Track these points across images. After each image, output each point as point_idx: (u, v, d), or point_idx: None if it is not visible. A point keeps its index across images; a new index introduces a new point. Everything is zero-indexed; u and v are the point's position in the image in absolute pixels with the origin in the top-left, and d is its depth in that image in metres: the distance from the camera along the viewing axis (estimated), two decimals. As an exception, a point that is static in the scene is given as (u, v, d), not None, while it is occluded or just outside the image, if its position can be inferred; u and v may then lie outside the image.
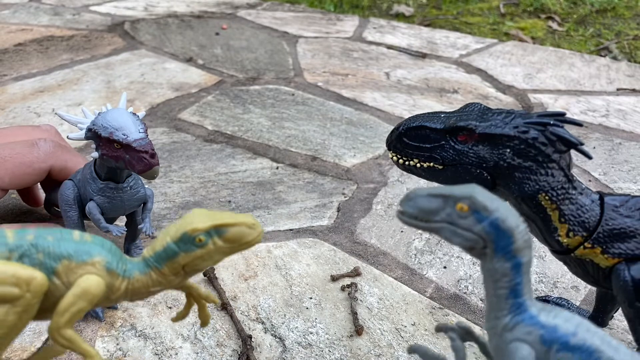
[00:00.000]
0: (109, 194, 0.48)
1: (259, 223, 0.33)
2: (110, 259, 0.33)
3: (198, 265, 0.33)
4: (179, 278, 0.34)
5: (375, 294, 0.55)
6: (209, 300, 0.39)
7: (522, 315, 0.29)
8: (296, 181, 0.75)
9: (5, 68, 1.08)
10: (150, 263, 0.33)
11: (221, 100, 0.99)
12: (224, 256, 0.33)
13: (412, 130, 0.44)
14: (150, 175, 0.45)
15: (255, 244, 0.33)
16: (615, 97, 1.10)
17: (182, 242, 0.32)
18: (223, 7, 1.66)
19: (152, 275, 0.33)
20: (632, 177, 0.79)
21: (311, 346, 0.48)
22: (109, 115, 0.45)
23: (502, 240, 0.28)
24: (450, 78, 1.16)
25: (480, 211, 0.28)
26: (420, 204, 0.29)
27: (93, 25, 1.39)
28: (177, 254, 0.33)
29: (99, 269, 0.32)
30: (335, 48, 1.32)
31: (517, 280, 0.29)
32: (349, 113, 0.96)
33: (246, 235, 0.33)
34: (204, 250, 0.32)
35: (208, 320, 0.40)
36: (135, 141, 0.44)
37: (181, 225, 0.33)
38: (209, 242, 0.32)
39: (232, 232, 0.32)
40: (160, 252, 0.33)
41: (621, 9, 1.61)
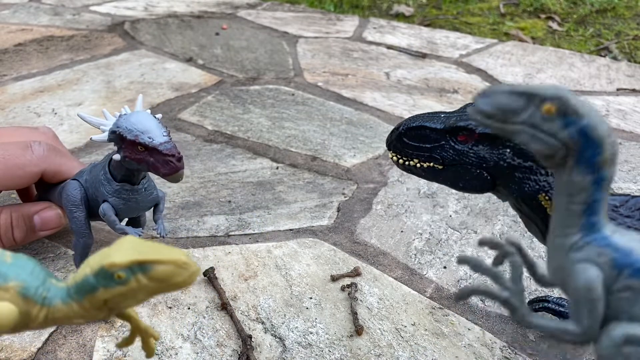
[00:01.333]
0: (125, 196, 0.48)
1: (193, 262, 0.29)
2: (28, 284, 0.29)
3: (120, 302, 0.29)
4: (103, 313, 0.30)
5: (375, 294, 0.55)
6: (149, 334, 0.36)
7: (595, 235, 0.27)
8: (296, 181, 0.75)
9: (5, 68, 1.08)
10: (71, 294, 0.30)
11: (221, 100, 0.99)
12: (149, 296, 0.29)
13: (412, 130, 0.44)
14: (176, 178, 0.45)
15: (188, 285, 0.29)
16: (615, 97, 1.10)
17: (100, 276, 0.29)
18: (223, 7, 1.66)
19: (74, 306, 0.30)
20: (632, 177, 0.79)
21: (311, 346, 0.48)
22: (133, 117, 0.45)
23: (589, 150, 0.25)
24: (450, 78, 1.16)
25: (569, 115, 0.25)
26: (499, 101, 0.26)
27: (93, 25, 1.39)
28: (95, 289, 0.29)
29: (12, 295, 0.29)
30: (335, 48, 1.32)
31: (595, 196, 0.26)
32: (349, 113, 0.96)
33: (174, 276, 0.28)
34: (125, 288, 0.28)
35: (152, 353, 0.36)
36: (161, 144, 0.44)
37: (101, 257, 0.29)
38: (130, 278, 0.28)
39: (159, 271, 0.28)
40: (80, 284, 0.29)
41: (621, 9, 1.61)
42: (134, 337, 0.36)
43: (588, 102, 0.25)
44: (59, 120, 0.88)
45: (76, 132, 0.84)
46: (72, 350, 0.46)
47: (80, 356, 0.46)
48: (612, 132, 0.25)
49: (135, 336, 0.36)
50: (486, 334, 0.51)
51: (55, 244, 0.60)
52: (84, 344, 0.47)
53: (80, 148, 0.80)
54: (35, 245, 0.59)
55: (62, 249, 0.59)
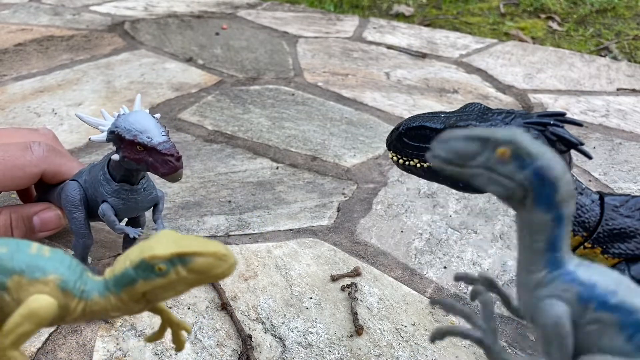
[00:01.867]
0: (124, 196, 0.48)
1: (231, 254, 0.30)
2: (67, 277, 0.30)
3: (159, 294, 0.30)
4: (140, 305, 0.31)
5: (375, 294, 0.55)
6: (180, 327, 0.36)
7: (559, 271, 0.27)
8: (296, 181, 0.75)
9: (5, 68, 1.08)
10: (110, 287, 0.30)
11: (221, 100, 0.99)
12: (189, 287, 0.30)
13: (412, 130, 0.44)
14: (175, 178, 0.45)
15: (226, 276, 0.30)
16: (615, 97, 1.10)
17: (141, 269, 0.29)
18: (223, 7, 1.66)
19: (111, 299, 0.30)
20: (632, 177, 0.79)
21: (311, 346, 0.48)
22: (131, 117, 0.45)
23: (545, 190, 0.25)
24: (450, 78, 1.16)
25: (523, 157, 0.25)
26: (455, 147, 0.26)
27: (93, 25, 1.39)
28: (135, 281, 0.29)
29: (52, 288, 0.29)
30: (335, 48, 1.32)
31: (557, 233, 0.26)
32: (349, 113, 0.96)
33: (214, 268, 0.29)
34: (165, 280, 0.29)
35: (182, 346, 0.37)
36: (159, 144, 0.44)
37: (142, 249, 0.30)
38: (170, 271, 0.29)
39: (198, 263, 0.29)
40: (119, 277, 0.30)
41: (621, 9, 1.61)
42: (164, 330, 0.37)
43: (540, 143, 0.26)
44: (59, 120, 0.88)
45: (76, 132, 0.84)
46: (72, 350, 0.46)
47: (80, 356, 0.46)
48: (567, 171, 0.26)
49: (165, 330, 0.37)
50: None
51: (55, 244, 0.60)
52: (84, 344, 0.47)
53: (80, 148, 0.80)
54: (35, 245, 0.59)
55: (62, 249, 0.59)
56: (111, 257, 0.58)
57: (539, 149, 0.25)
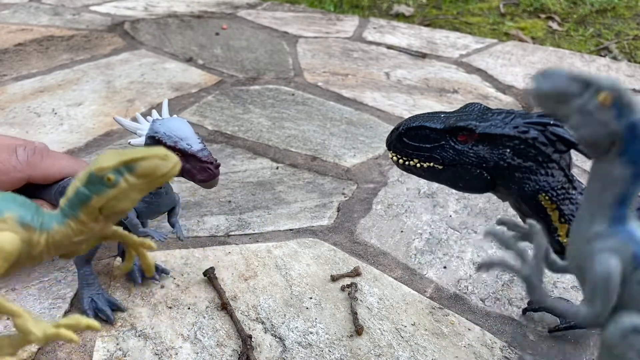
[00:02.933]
0: (147, 199, 0.49)
1: (172, 154, 0.32)
2: (23, 213, 0.31)
3: (115, 206, 0.32)
4: (99, 224, 0.32)
5: (375, 294, 0.55)
6: (144, 246, 0.37)
7: (620, 227, 0.27)
8: (296, 181, 0.75)
9: (5, 68, 1.08)
10: (66, 212, 0.32)
11: (221, 100, 0.99)
12: (141, 193, 0.32)
13: (412, 130, 0.44)
14: (211, 185, 0.46)
15: (172, 176, 0.32)
16: (615, 97, 1.10)
17: (91, 183, 0.31)
18: (223, 7, 1.66)
19: (71, 224, 0.32)
20: (632, 177, 0.79)
21: (311, 346, 0.48)
22: (170, 123, 0.46)
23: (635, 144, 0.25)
24: (450, 78, 1.16)
25: (623, 107, 0.25)
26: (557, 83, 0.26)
27: (93, 25, 1.39)
28: (89, 198, 0.31)
29: (11, 224, 0.30)
30: (335, 48, 1.32)
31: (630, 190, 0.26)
32: (349, 113, 0.96)
33: (160, 168, 0.31)
34: (117, 190, 0.31)
35: (152, 267, 0.38)
36: (199, 151, 0.45)
37: (89, 167, 0.31)
38: (120, 180, 0.31)
39: (144, 166, 0.31)
40: (73, 198, 0.32)
41: (621, 9, 1.61)
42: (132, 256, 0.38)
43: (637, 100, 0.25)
44: (59, 120, 0.88)
45: (76, 132, 0.84)
46: (72, 350, 0.46)
47: (80, 356, 0.46)
48: None
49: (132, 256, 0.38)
50: (486, 334, 0.51)
51: (55, 244, 0.60)
52: (84, 344, 0.47)
53: (80, 148, 0.80)
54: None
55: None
56: (111, 257, 0.58)
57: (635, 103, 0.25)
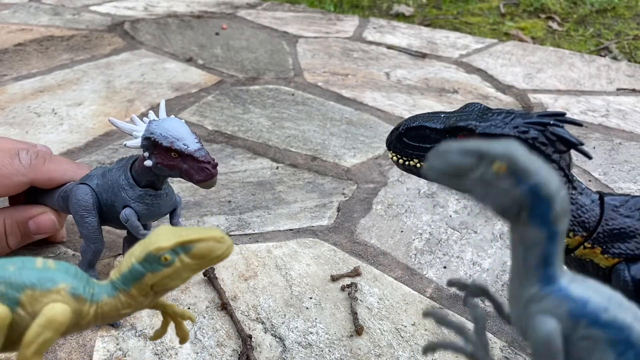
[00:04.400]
0: (148, 201, 0.48)
1: (227, 236, 0.32)
2: (75, 284, 0.32)
3: (167, 284, 0.32)
4: (148, 299, 0.33)
5: (375, 294, 0.55)
6: (184, 317, 0.38)
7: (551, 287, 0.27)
8: (296, 181, 0.75)
9: (5, 68, 1.08)
10: (118, 285, 0.33)
11: (221, 100, 0.99)
12: (193, 273, 0.33)
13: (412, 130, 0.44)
14: (209, 185, 0.46)
15: (225, 257, 0.32)
16: (615, 97, 1.10)
17: (147, 262, 0.32)
18: (223, 7, 1.66)
19: (121, 297, 0.33)
20: (632, 177, 0.79)
21: (311, 346, 0.48)
22: (166, 124, 0.45)
23: (540, 207, 0.25)
24: (450, 78, 1.16)
25: (519, 174, 0.25)
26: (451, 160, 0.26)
27: (93, 25, 1.39)
28: (143, 275, 0.32)
29: (64, 296, 0.31)
30: (335, 48, 1.32)
31: (550, 249, 0.26)
32: (349, 113, 0.96)
33: (215, 250, 0.32)
34: (171, 269, 0.32)
35: (187, 337, 0.39)
36: (196, 151, 0.45)
37: (145, 244, 0.32)
38: (175, 260, 0.32)
39: (199, 248, 0.32)
40: (126, 274, 0.32)
41: (621, 9, 1.61)
42: (167, 324, 0.39)
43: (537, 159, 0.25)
44: (59, 120, 0.88)
45: (76, 132, 0.84)
46: (72, 350, 0.46)
47: (80, 356, 0.46)
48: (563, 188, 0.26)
49: (168, 324, 0.39)
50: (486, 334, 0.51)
51: (56, 244, 0.60)
52: (84, 344, 0.47)
53: (80, 148, 0.80)
54: (35, 245, 0.59)
55: (62, 249, 0.59)
56: (111, 257, 0.58)
57: (535, 165, 0.25)
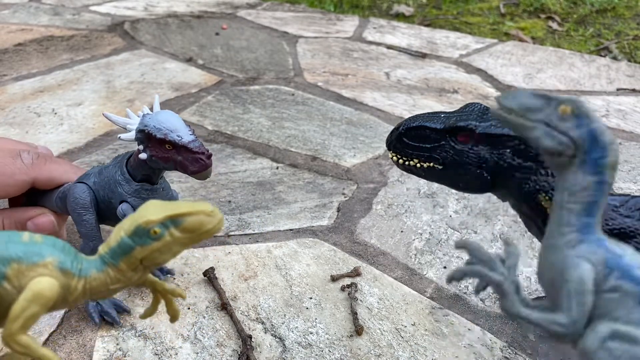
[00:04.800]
0: (144, 195, 0.48)
1: (217, 210, 0.32)
2: (63, 258, 0.31)
3: (156, 258, 0.32)
4: (138, 273, 0.33)
5: (375, 294, 0.55)
6: (175, 294, 0.38)
7: (590, 236, 0.28)
8: (296, 181, 0.75)
9: (5, 68, 1.08)
10: (106, 259, 0.32)
11: (221, 100, 0.99)
12: (183, 247, 0.32)
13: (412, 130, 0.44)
14: (204, 176, 0.46)
15: (216, 232, 0.32)
16: (615, 97, 1.10)
17: (137, 235, 0.31)
18: (223, 7, 1.66)
19: (110, 272, 0.32)
20: (632, 177, 0.79)
21: (311, 346, 0.48)
22: (160, 116, 0.45)
23: (596, 152, 0.27)
24: (450, 78, 1.16)
25: (582, 116, 0.27)
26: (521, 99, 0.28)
27: (93, 25, 1.39)
28: (132, 248, 0.31)
29: (51, 270, 0.31)
30: (335, 48, 1.32)
31: (595, 197, 0.28)
32: (349, 113, 0.96)
33: (205, 224, 0.31)
34: (161, 243, 0.31)
35: (177, 315, 0.38)
36: (190, 142, 0.44)
37: (135, 218, 0.31)
38: (165, 233, 0.31)
39: (189, 222, 0.31)
40: (115, 248, 0.32)
41: (621, 9, 1.61)
42: (158, 302, 0.38)
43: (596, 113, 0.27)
44: (59, 120, 0.88)
45: (76, 132, 0.84)
46: (72, 350, 0.46)
47: (80, 356, 0.46)
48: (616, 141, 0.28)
49: (158, 301, 0.38)
50: (486, 334, 0.51)
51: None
52: (84, 344, 0.47)
53: (80, 148, 0.80)
54: (35, 245, 0.59)
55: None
56: (111, 257, 0.58)
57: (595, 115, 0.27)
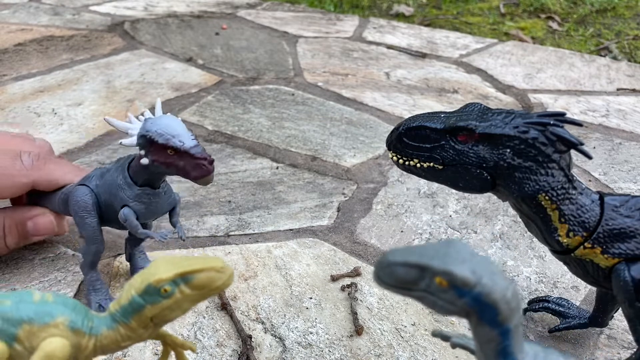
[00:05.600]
0: (146, 200, 0.48)
1: (228, 265, 0.32)
2: (74, 317, 0.31)
3: (167, 316, 0.32)
4: (148, 330, 0.33)
5: (375, 294, 0.55)
6: (185, 347, 0.38)
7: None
8: (296, 181, 0.75)
9: (5, 68, 1.08)
10: (117, 318, 0.32)
11: (221, 100, 0.99)
12: (193, 304, 0.32)
13: (412, 130, 0.44)
14: (206, 181, 0.45)
15: (226, 287, 0.32)
16: (615, 97, 1.10)
17: (148, 294, 0.31)
18: (223, 7, 1.66)
19: (121, 330, 0.32)
20: (632, 177, 0.79)
21: (311, 346, 0.48)
22: (161, 121, 0.45)
23: (487, 313, 0.27)
24: (450, 78, 1.16)
25: (460, 287, 0.26)
26: (396, 274, 0.27)
27: (93, 25, 1.39)
28: (143, 307, 0.31)
29: (62, 330, 0.31)
30: (335, 48, 1.32)
31: (505, 343, 0.28)
32: (349, 113, 0.96)
33: (215, 280, 0.31)
34: (171, 301, 0.31)
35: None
36: (192, 148, 0.44)
37: (145, 276, 0.31)
38: (175, 291, 0.31)
39: (200, 279, 0.31)
40: (126, 306, 0.32)
41: (621, 9, 1.61)
42: (167, 354, 0.38)
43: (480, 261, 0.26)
44: (59, 120, 0.88)
45: (76, 132, 0.84)
46: (72, 350, 0.46)
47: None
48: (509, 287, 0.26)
49: (168, 354, 0.38)
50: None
51: (55, 244, 0.60)
52: (84, 344, 0.47)
53: (80, 148, 0.80)
54: (35, 245, 0.59)
55: (62, 249, 0.59)
56: (111, 257, 0.58)
57: (475, 274, 0.26)
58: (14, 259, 0.57)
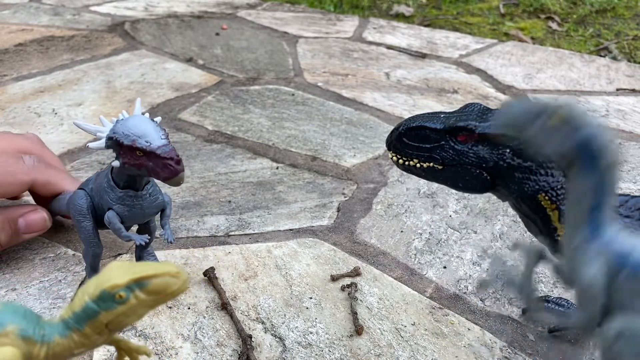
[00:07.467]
0: (129, 202, 0.47)
1: (182, 271, 0.32)
2: (25, 325, 0.31)
3: (122, 322, 0.31)
4: (103, 337, 0.32)
5: (375, 294, 0.55)
6: (140, 351, 0.38)
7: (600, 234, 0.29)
8: (296, 181, 0.75)
9: (6, 68, 1.08)
10: (70, 325, 0.31)
11: (221, 101, 0.99)
12: (148, 310, 0.32)
13: (411, 130, 0.44)
14: (176, 182, 0.44)
15: (181, 292, 0.32)
16: (615, 97, 1.10)
17: (102, 300, 0.30)
18: (223, 7, 1.66)
19: (74, 337, 0.32)
20: (632, 177, 0.79)
21: (311, 346, 0.48)
22: (129, 122, 0.44)
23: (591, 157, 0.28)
24: (450, 78, 1.16)
25: (575, 125, 0.28)
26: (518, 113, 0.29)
27: (93, 25, 1.39)
28: (97, 313, 0.31)
29: (12, 338, 0.30)
30: (335, 48, 1.32)
31: (600, 197, 0.28)
32: (349, 113, 0.97)
33: (170, 285, 0.31)
34: (126, 306, 0.31)
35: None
36: (158, 148, 0.43)
37: (99, 282, 0.31)
38: (130, 297, 0.31)
39: (155, 284, 0.31)
40: (80, 313, 0.31)
41: (621, 9, 1.61)
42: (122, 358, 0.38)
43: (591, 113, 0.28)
44: (59, 120, 0.88)
45: (76, 132, 0.84)
46: (72, 350, 0.46)
47: (80, 356, 0.46)
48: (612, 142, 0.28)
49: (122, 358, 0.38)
50: (486, 334, 0.51)
51: (56, 244, 0.60)
52: (84, 343, 0.47)
53: (80, 148, 0.80)
54: (35, 246, 0.59)
55: (62, 249, 0.59)
56: (111, 257, 0.58)
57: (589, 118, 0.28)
58: (14, 259, 0.57)
